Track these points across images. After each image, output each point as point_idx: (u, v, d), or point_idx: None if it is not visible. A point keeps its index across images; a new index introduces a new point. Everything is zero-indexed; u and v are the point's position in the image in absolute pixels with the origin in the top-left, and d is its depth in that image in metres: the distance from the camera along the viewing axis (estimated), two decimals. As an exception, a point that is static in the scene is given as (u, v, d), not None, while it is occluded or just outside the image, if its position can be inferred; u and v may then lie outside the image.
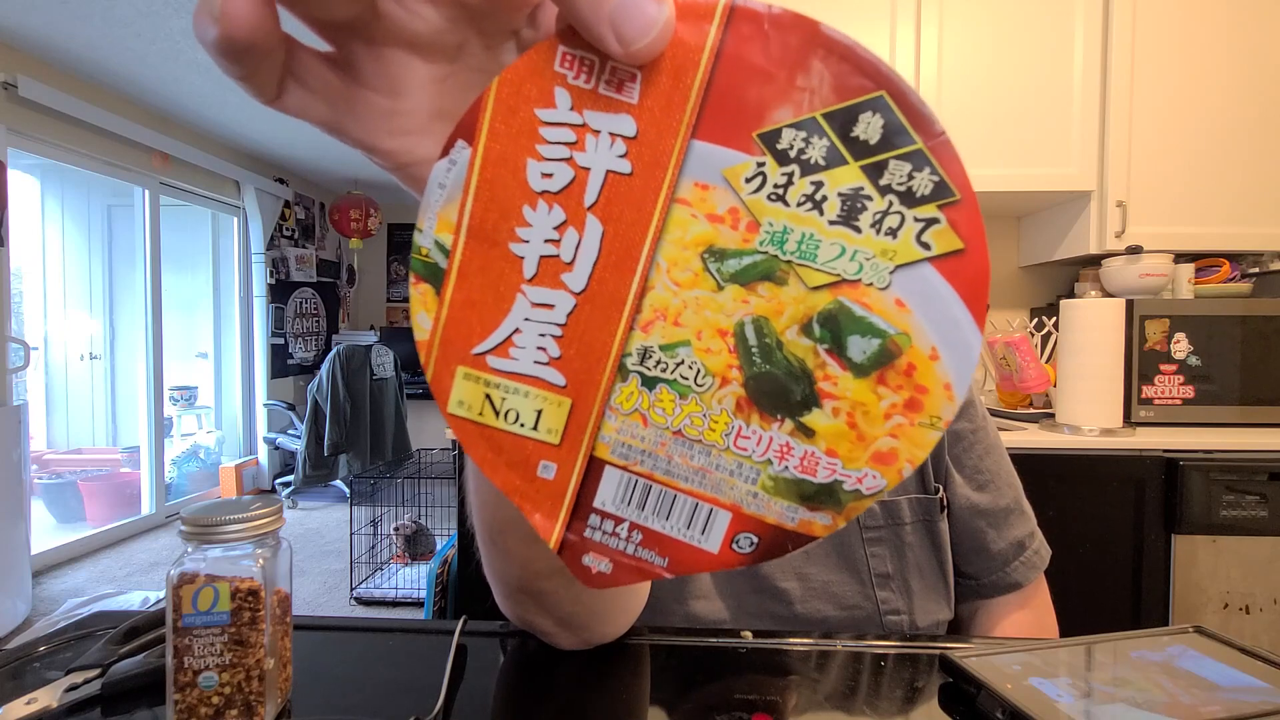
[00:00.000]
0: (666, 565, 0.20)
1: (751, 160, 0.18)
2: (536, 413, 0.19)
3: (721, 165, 0.18)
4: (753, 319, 0.18)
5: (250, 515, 0.35)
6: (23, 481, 2.51)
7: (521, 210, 0.19)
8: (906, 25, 1.81)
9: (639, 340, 0.19)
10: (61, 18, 2.48)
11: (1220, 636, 0.44)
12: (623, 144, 0.18)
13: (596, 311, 0.19)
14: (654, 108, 0.18)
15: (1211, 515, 1.44)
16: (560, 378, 0.19)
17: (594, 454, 0.20)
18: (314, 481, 3.87)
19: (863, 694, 0.42)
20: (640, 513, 0.20)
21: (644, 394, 0.19)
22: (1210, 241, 1.79)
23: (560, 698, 0.42)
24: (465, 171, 0.19)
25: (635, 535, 0.20)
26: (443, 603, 1.94)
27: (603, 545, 0.20)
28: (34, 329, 3.82)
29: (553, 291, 0.19)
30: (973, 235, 0.17)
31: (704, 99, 0.18)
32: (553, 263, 0.19)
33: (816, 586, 0.59)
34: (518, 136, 0.18)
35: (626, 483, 0.20)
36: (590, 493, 0.20)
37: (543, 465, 0.20)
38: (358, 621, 0.53)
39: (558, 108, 0.18)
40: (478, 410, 0.20)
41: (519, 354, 0.19)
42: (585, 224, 0.18)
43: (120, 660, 0.42)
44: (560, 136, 0.18)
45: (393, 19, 0.19)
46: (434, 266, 0.19)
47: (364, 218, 4.69)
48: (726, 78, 0.17)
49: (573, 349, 0.19)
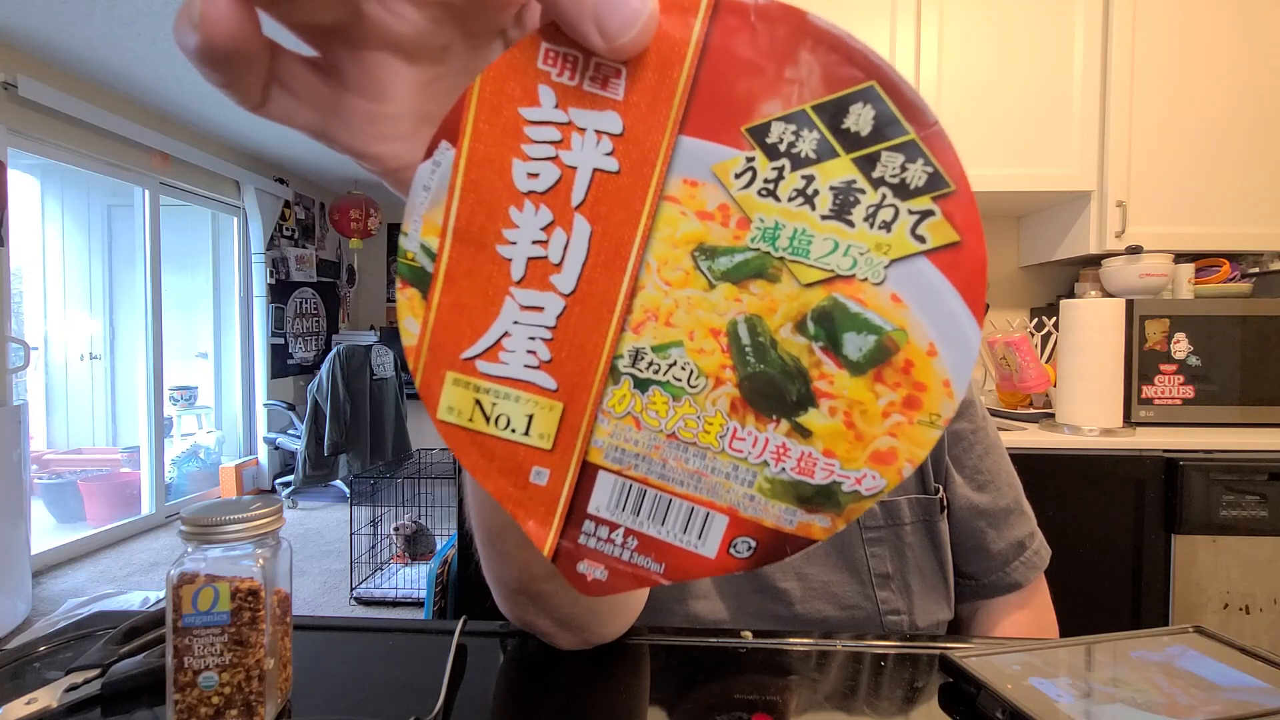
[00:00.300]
0: (663, 571, 0.19)
1: (741, 155, 0.17)
2: (528, 418, 0.19)
3: (710, 161, 0.17)
4: (746, 318, 0.18)
5: (250, 515, 0.35)
6: (23, 481, 2.51)
7: (508, 211, 0.18)
8: (906, 25, 1.81)
9: (630, 341, 0.18)
10: (61, 18, 2.48)
11: (1220, 636, 0.44)
12: (609, 141, 0.18)
13: (587, 313, 0.18)
14: (640, 104, 0.17)
15: (1211, 515, 1.44)
16: (551, 381, 0.19)
17: (587, 459, 0.19)
18: (314, 481, 3.87)
19: (863, 694, 0.42)
20: (635, 518, 0.19)
21: (636, 396, 0.19)
22: (1210, 241, 1.79)
23: (560, 698, 0.42)
24: (450, 173, 0.18)
25: (630, 541, 0.19)
26: (443, 603, 1.94)
27: (598, 552, 0.20)
28: (34, 329, 3.82)
29: (542, 294, 0.18)
30: (969, 227, 0.17)
31: (691, 94, 0.17)
32: (541, 264, 0.18)
33: (816, 587, 0.59)
34: (502, 136, 0.18)
35: (620, 488, 0.19)
36: (584, 498, 0.19)
37: (535, 471, 0.19)
38: (358, 621, 0.53)
39: (542, 106, 0.18)
40: (468, 416, 0.19)
41: (509, 358, 0.19)
42: (573, 224, 0.18)
43: (120, 660, 0.42)
44: (545, 135, 0.18)
45: (376, 21, 0.18)
46: (420, 271, 0.19)
47: (364, 218, 4.69)
48: (713, 71, 0.17)
49: (563, 352, 0.19)
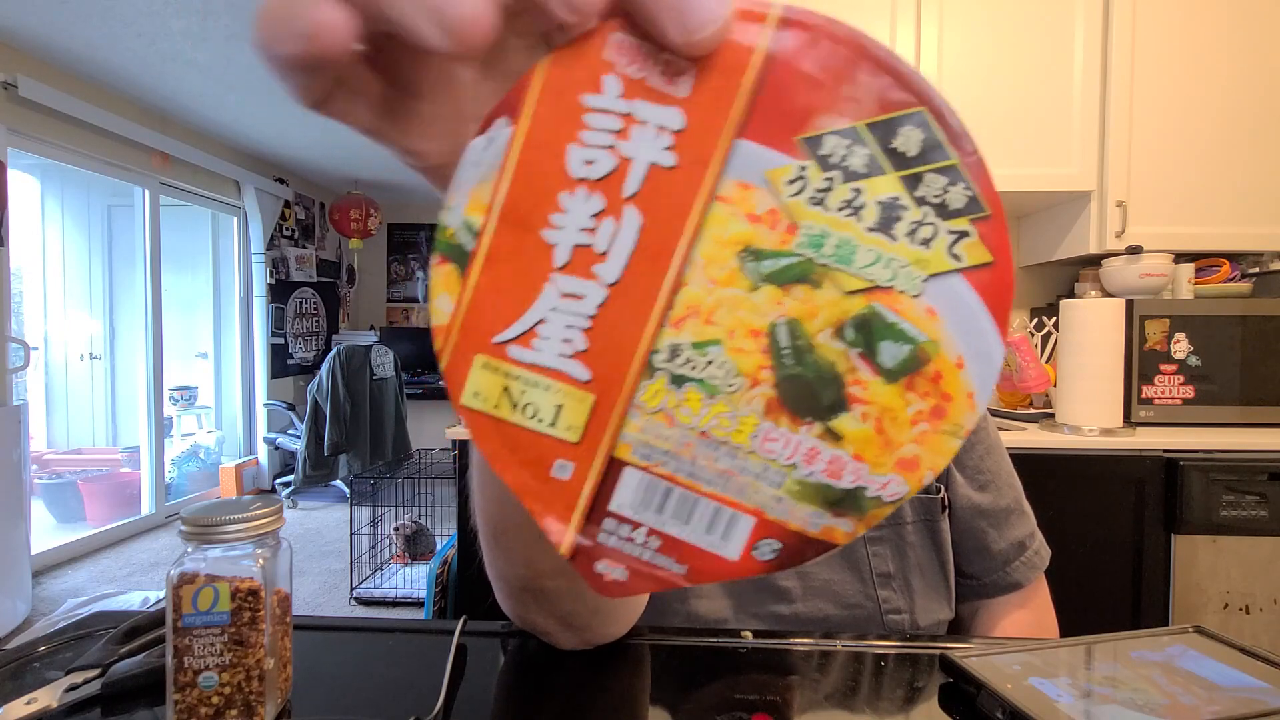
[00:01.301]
0: (685, 573, 0.19)
1: (794, 163, 0.18)
2: (556, 408, 0.19)
3: (764, 166, 0.18)
4: (786, 320, 0.18)
5: (250, 515, 0.35)
6: (23, 481, 2.51)
7: (558, 196, 0.18)
8: (906, 25, 1.81)
9: (670, 337, 0.18)
10: (61, 18, 2.48)
11: (1220, 636, 0.44)
12: (669, 136, 0.18)
13: (628, 305, 0.18)
14: (703, 103, 0.18)
15: (1211, 515, 1.44)
16: (585, 372, 0.19)
17: (614, 454, 0.19)
18: (314, 481, 3.87)
19: (863, 694, 0.42)
20: (659, 517, 0.19)
21: (671, 392, 0.18)
22: (1210, 241, 1.79)
23: (560, 698, 0.42)
24: (503, 150, 0.18)
25: (653, 541, 0.19)
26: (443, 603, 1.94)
27: (617, 551, 0.19)
28: (34, 329, 3.82)
29: (584, 281, 0.18)
30: (1000, 249, 0.18)
31: (753, 99, 0.18)
32: (586, 252, 0.18)
33: (818, 585, 0.60)
34: (561, 120, 0.18)
35: (647, 485, 0.19)
36: (607, 495, 0.19)
37: (559, 464, 0.19)
38: (358, 621, 0.53)
39: (605, 94, 0.18)
40: (494, 403, 0.19)
41: (543, 345, 0.18)
42: (623, 214, 0.18)
43: (120, 660, 0.42)
44: (605, 124, 0.18)
45: None
46: (459, 248, 0.18)
47: (364, 218, 4.69)
48: (776, 81, 0.17)
49: (600, 342, 0.18)
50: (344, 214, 4.67)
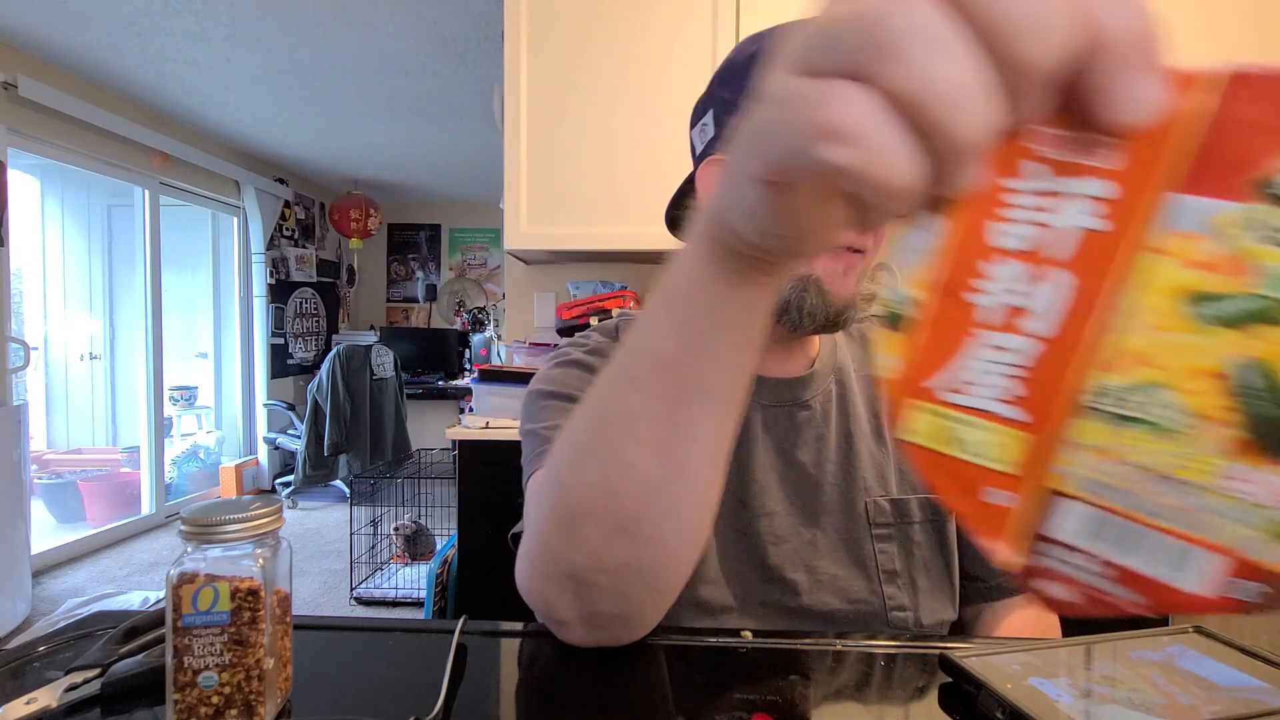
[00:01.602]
0: (1145, 603, 0.20)
1: (1241, 207, 0.18)
2: (998, 445, 0.21)
3: (1206, 214, 0.18)
4: (1255, 361, 0.18)
5: (250, 515, 0.35)
6: (23, 481, 2.51)
7: (988, 266, 0.21)
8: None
9: (1107, 380, 0.20)
10: (61, 18, 2.48)
11: (1220, 636, 0.44)
12: (1096, 204, 0.19)
13: (1062, 354, 0.20)
14: (1135, 169, 0.19)
15: (1211, 515, 1.44)
16: (1022, 414, 0.21)
17: (1052, 486, 0.21)
18: (314, 481, 3.87)
19: (863, 693, 0.42)
20: (1100, 545, 0.20)
21: (1112, 431, 0.20)
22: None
23: (560, 697, 0.42)
24: (935, 237, 0.21)
25: (1098, 568, 0.20)
26: (443, 603, 1.94)
27: (1059, 573, 0.21)
28: (34, 329, 3.82)
29: (1015, 337, 0.21)
30: None
31: (1193, 156, 0.18)
32: (1016, 311, 0.21)
33: (824, 579, 0.60)
34: (987, 203, 0.20)
35: (1089, 517, 0.20)
36: (1046, 522, 0.21)
37: (1000, 494, 0.21)
38: (358, 621, 0.53)
39: (1025, 178, 0.20)
40: (939, 440, 0.22)
41: (980, 391, 0.21)
42: (1053, 276, 0.20)
43: (120, 660, 0.42)
44: (1028, 202, 0.20)
45: None
46: (898, 317, 0.22)
47: (364, 218, 4.70)
48: (1219, 136, 0.18)
49: (1035, 389, 0.20)
50: (344, 214, 4.67)
